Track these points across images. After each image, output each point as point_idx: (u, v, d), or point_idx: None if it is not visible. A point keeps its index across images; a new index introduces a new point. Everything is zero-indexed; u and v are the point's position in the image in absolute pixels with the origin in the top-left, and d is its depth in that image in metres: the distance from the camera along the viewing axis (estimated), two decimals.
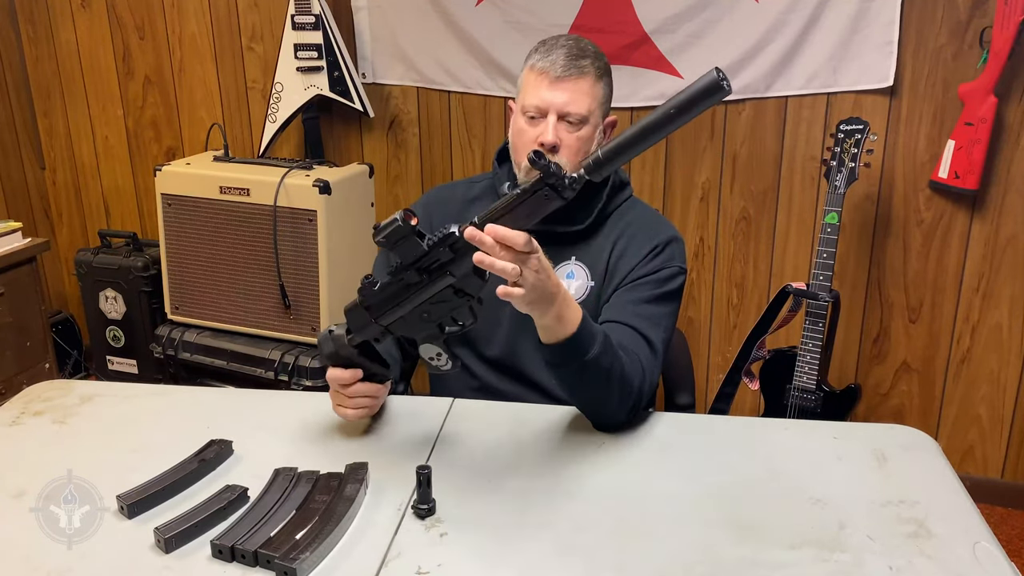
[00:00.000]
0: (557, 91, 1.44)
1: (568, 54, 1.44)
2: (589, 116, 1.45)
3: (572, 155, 1.45)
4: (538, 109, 1.45)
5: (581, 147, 1.46)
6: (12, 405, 1.48)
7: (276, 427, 1.40)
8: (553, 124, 1.44)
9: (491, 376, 1.56)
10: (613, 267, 1.51)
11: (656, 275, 1.49)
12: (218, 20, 2.92)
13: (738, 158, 2.59)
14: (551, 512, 1.16)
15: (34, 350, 2.80)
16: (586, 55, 1.45)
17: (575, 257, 1.53)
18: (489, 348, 1.57)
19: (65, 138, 3.22)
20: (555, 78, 1.44)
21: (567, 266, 1.53)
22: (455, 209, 1.62)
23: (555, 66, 1.44)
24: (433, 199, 1.67)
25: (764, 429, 1.43)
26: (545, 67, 1.44)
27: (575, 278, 1.52)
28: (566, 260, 1.53)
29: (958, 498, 1.20)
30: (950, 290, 2.50)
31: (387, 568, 1.06)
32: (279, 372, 2.55)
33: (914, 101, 2.39)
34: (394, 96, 2.85)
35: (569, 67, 1.43)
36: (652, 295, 1.47)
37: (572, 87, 1.43)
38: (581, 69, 1.44)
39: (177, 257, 2.68)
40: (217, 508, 1.14)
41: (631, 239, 1.52)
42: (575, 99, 1.43)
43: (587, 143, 1.46)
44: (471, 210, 1.61)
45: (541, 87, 1.45)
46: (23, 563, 1.08)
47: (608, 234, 1.53)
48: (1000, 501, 2.59)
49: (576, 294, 1.51)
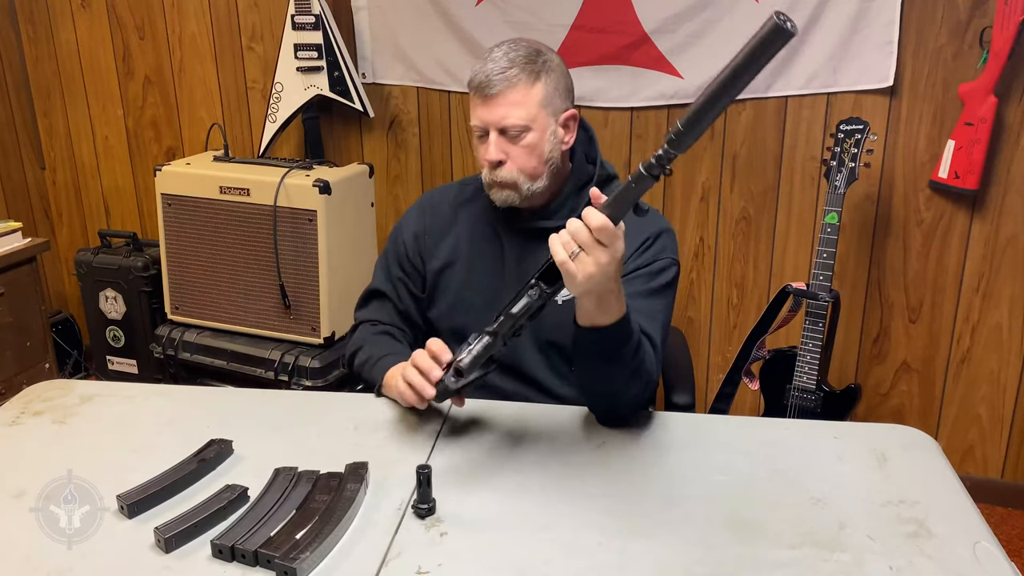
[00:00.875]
0: (490, 108, 1.44)
1: (496, 68, 1.43)
2: (530, 123, 1.44)
3: (523, 163, 1.46)
4: (479, 129, 1.47)
5: (530, 154, 1.46)
6: (12, 405, 1.48)
7: (276, 427, 1.40)
8: (494, 141, 1.45)
9: (492, 375, 1.56)
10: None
11: (648, 268, 1.49)
12: (218, 20, 2.92)
13: (738, 158, 2.59)
14: (551, 512, 1.16)
15: (34, 350, 2.79)
16: (514, 63, 1.43)
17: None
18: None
19: (65, 138, 3.22)
20: (486, 96, 1.44)
21: None
22: (448, 212, 1.64)
23: (483, 84, 1.44)
24: (427, 202, 1.69)
25: (764, 429, 1.43)
26: (476, 86, 1.45)
27: None
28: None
29: (958, 498, 1.20)
30: (950, 290, 2.50)
31: (387, 568, 1.06)
32: (279, 372, 2.55)
33: (914, 101, 2.39)
34: (394, 96, 2.85)
35: (497, 82, 1.43)
36: (646, 288, 1.47)
37: (504, 100, 1.43)
38: (509, 80, 1.43)
39: (177, 257, 2.68)
40: (217, 508, 1.14)
41: (627, 232, 1.51)
42: (509, 112, 1.43)
43: (536, 149, 1.46)
44: (463, 211, 1.63)
45: (476, 106, 1.47)
46: (23, 563, 1.08)
47: None
48: (1000, 501, 2.59)
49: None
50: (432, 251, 1.62)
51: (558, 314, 1.41)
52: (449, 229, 1.62)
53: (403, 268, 1.65)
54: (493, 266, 1.57)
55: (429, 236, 1.63)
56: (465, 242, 1.60)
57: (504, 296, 1.52)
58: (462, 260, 1.60)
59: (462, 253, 1.60)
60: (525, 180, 1.47)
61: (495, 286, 1.56)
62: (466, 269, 1.59)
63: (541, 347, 1.54)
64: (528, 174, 1.47)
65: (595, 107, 2.63)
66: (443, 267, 1.61)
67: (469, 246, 1.60)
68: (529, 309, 1.21)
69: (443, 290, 1.61)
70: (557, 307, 1.32)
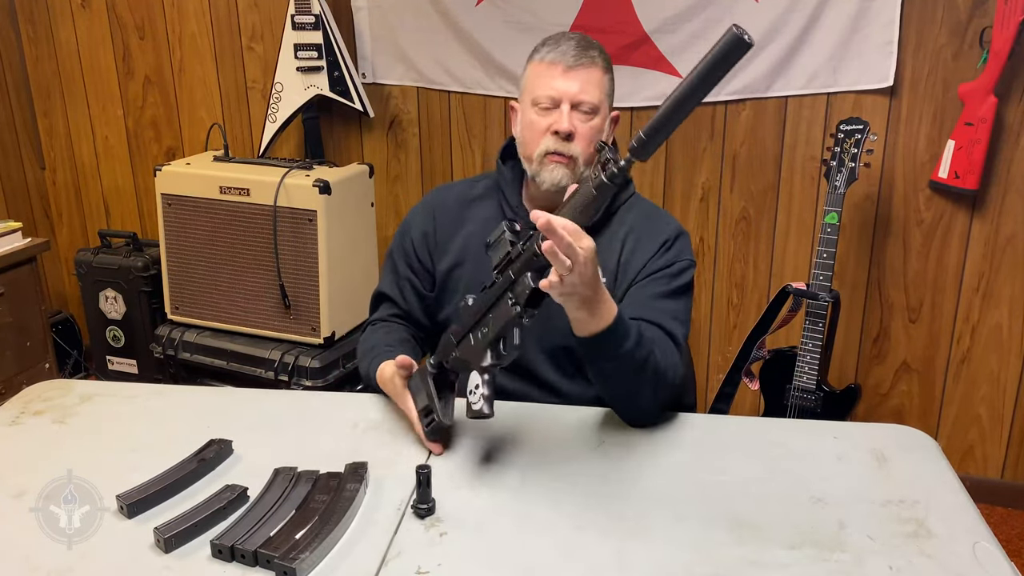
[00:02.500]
0: (570, 80, 1.44)
1: (578, 44, 1.46)
2: (600, 106, 1.46)
3: (586, 144, 1.46)
4: (551, 99, 1.45)
5: (594, 137, 1.46)
6: (12, 405, 1.48)
7: (276, 427, 1.40)
8: (567, 112, 1.44)
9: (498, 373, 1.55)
10: (625, 264, 1.51)
11: (668, 269, 1.49)
12: (218, 20, 2.93)
13: (738, 158, 2.59)
14: (551, 512, 1.16)
15: (34, 350, 2.79)
16: (593, 46, 1.47)
17: None
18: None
19: (65, 138, 3.23)
20: (567, 67, 1.44)
21: None
22: (456, 208, 1.62)
23: (566, 56, 1.45)
24: (435, 200, 1.67)
25: (764, 429, 1.43)
26: (556, 58, 1.45)
27: None
28: None
29: (958, 498, 1.20)
30: (950, 290, 2.50)
31: (387, 568, 1.06)
32: (279, 372, 2.55)
33: (914, 101, 2.39)
34: (394, 96, 2.85)
35: (580, 56, 1.45)
36: (667, 290, 1.48)
37: (584, 76, 1.45)
38: (592, 59, 1.46)
39: (177, 257, 2.68)
40: (217, 508, 1.14)
41: (640, 236, 1.53)
42: (587, 88, 1.45)
43: (598, 133, 1.47)
44: (472, 210, 1.61)
45: (554, 76, 1.45)
46: (23, 563, 1.08)
47: (615, 231, 1.54)
48: (1000, 501, 2.59)
49: None
50: (441, 250, 1.60)
51: (566, 318, 1.41)
52: (458, 227, 1.60)
53: (411, 267, 1.62)
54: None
55: (438, 234, 1.61)
56: (473, 241, 1.58)
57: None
58: (471, 259, 1.58)
59: (471, 252, 1.58)
60: (582, 161, 1.46)
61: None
62: (475, 269, 1.57)
63: (550, 352, 1.53)
64: (586, 157, 1.46)
65: None
66: (452, 267, 1.59)
67: (477, 245, 1.57)
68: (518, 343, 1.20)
69: (452, 290, 1.59)
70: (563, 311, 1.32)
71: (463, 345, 1.27)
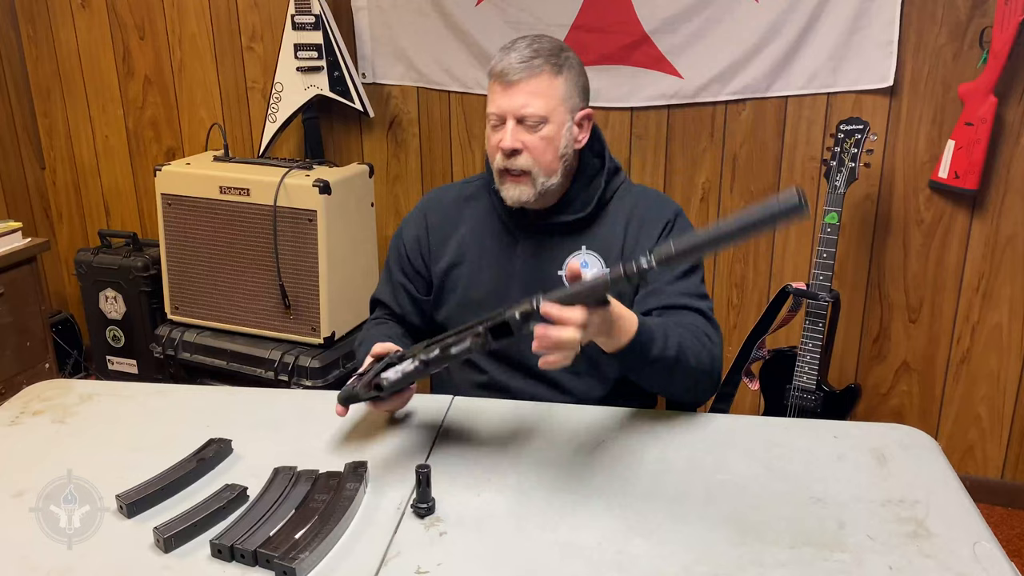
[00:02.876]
0: (512, 95, 1.43)
1: (520, 56, 1.43)
2: (549, 115, 1.44)
3: (539, 155, 1.45)
4: (496, 116, 1.46)
5: (547, 147, 1.45)
6: (12, 405, 1.48)
7: (276, 427, 1.40)
8: (511, 129, 1.44)
9: (498, 371, 1.56)
10: (631, 251, 1.52)
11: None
12: (218, 20, 2.93)
13: (738, 158, 2.59)
14: (551, 512, 1.16)
15: (34, 350, 2.79)
16: (539, 54, 1.44)
17: (585, 246, 1.54)
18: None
19: (65, 138, 3.23)
20: (508, 83, 1.43)
21: (580, 255, 1.54)
22: (450, 209, 1.63)
23: (507, 71, 1.43)
24: (429, 202, 1.68)
25: (764, 429, 1.43)
26: (498, 72, 1.45)
27: (589, 267, 1.53)
28: (577, 250, 1.54)
29: (958, 498, 1.20)
30: (950, 290, 2.50)
31: (386, 567, 1.05)
32: (279, 372, 2.55)
33: (914, 101, 2.39)
34: (394, 96, 2.85)
35: (521, 69, 1.42)
36: (683, 271, 1.50)
37: (526, 89, 1.43)
38: (534, 69, 1.43)
39: (177, 257, 2.67)
40: (216, 508, 1.14)
41: (642, 222, 1.54)
42: (530, 100, 1.43)
43: (552, 142, 1.45)
44: (467, 209, 1.62)
45: (496, 93, 1.45)
46: (23, 563, 1.08)
47: (615, 219, 1.55)
48: (1000, 501, 2.59)
49: None
50: (438, 251, 1.61)
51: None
52: (454, 227, 1.61)
53: (404, 272, 1.64)
54: (502, 263, 1.56)
55: (433, 235, 1.62)
56: (471, 240, 1.59)
57: (507, 290, 1.52)
58: (469, 259, 1.59)
59: (469, 251, 1.59)
60: (540, 173, 1.46)
61: (504, 284, 1.55)
62: (473, 268, 1.58)
63: None
64: (543, 167, 1.45)
65: (595, 107, 2.60)
66: (450, 267, 1.60)
67: (476, 244, 1.59)
68: (467, 352, 1.19)
69: (450, 290, 1.60)
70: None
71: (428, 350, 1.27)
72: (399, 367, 1.24)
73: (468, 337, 1.19)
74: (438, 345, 1.22)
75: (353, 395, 1.30)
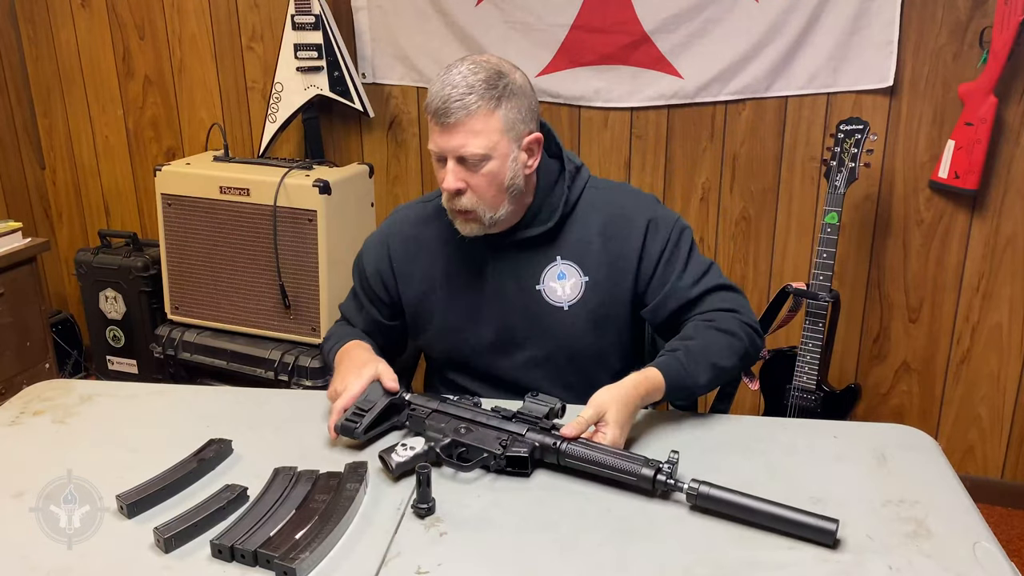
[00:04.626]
0: (448, 136, 1.38)
1: (452, 95, 1.36)
2: (490, 152, 1.38)
3: (483, 191, 1.41)
4: (436, 155, 1.42)
5: (490, 183, 1.40)
6: (12, 405, 1.48)
7: (276, 427, 1.40)
8: (452, 169, 1.40)
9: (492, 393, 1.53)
10: (615, 251, 1.50)
11: (667, 246, 1.50)
12: (218, 20, 2.93)
13: (738, 158, 2.59)
14: (551, 512, 1.16)
15: (34, 350, 2.79)
16: (472, 90, 1.36)
17: (560, 257, 1.51)
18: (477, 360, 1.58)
19: (65, 138, 3.23)
20: (444, 125, 1.37)
21: (555, 267, 1.51)
22: (410, 233, 1.59)
23: (440, 112, 1.37)
24: (388, 230, 1.64)
25: (764, 429, 1.43)
26: (433, 112, 1.38)
27: (567, 277, 1.51)
28: (552, 262, 1.51)
29: (958, 498, 1.20)
30: (950, 290, 2.50)
31: (387, 568, 1.06)
32: (279, 372, 2.55)
33: (914, 101, 2.39)
34: (394, 96, 2.85)
35: (456, 110, 1.36)
36: (681, 260, 1.50)
37: (463, 129, 1.37)
38: (467, 108, 1.36)
39: (177, 257, 2.67)
40: (216, 508, 1.14)
41: (618, 224, 1.51)
42: (468, 140, 1.37)
43: (496, 177, 1.40)
44: (428, 232, 1.58)
45: (435, 132, 1.40)
46: (23, 563, 1.08)
47: (586, 224, 1.51)
48: (1000, 501, 2.59)
49: (571, 293, 1.50)
50: (405, 281, 1.58)
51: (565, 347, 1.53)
52: (417, 254, 1.58)
53: (370, 299, 1.63)
54: (474, 287, 1.54)
55: (397, 266, 1.58)
56: (439, 263, 1.56)
57: (485, 310, 1.52)
58: (439, 283, 1.56)
59: (438, 276, 1.56)
60: (485, 209, 1.42)
61: (477, 301, 1.54)
62: (445, 294, 1.56)
63: (538, 362, 1.55)
64: (488, 203, 1.42)
65: (595, 107, 2.63)
66: (421, 296, 1.57)
67: (444, 267, 1.56)
68: (478, 464, 1.25)
69: (426, 319, 1.58)
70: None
71: (436, 418, 1.31)
72: (410, 444, 1.26)
73: (480, 457, 1.24)
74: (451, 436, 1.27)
75: (351, 436, 1.31)
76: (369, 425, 1.31)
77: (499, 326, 1.53)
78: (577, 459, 1.20)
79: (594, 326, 1.52)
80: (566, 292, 1.51)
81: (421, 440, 1.27)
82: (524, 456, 1.22)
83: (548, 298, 1.51)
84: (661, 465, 1.16)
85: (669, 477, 1.15)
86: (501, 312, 1.53)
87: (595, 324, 1.51)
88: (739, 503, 1.11)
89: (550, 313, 1.51)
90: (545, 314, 1.51)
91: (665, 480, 1.15)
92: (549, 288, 1.51)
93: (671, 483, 1.15)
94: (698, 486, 1.13)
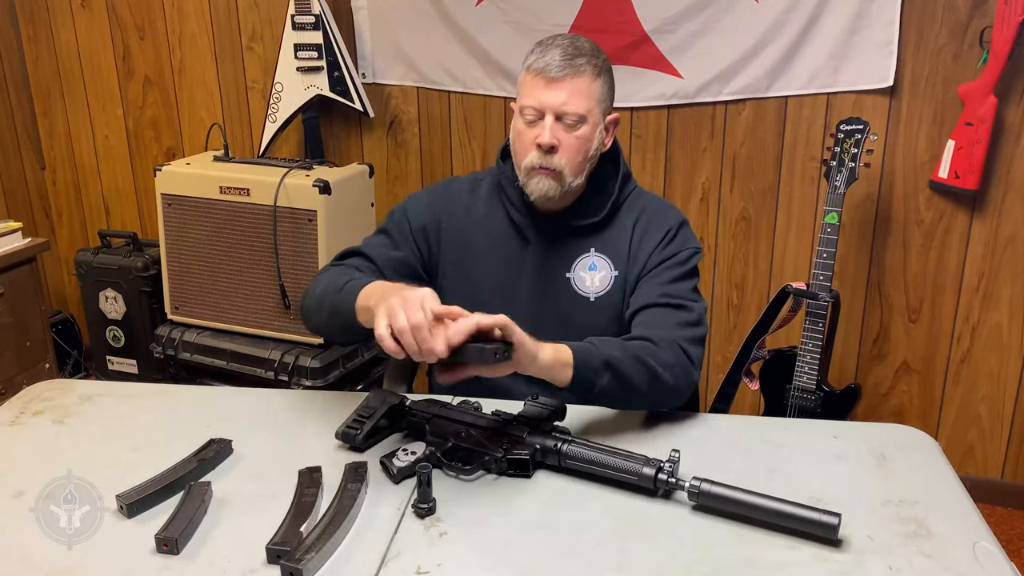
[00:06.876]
0: (553, 91, 1.43)
1: (563, 54, 1.43)
2: (587, 115, 1.45)
3: (572, 155, 1.45)
4: (535, 110, 1.45)
5: (581, 146, 1.46)
6: (12, 405, 1.48)
7: (276, 427, 1.40)
8: (550, 125, 1.44)
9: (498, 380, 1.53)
10: (635, 250, 1.53)
11: (675, 257, 1.52)
12: (218, 20, 2.93)
13: (738, 158, 2.59)
14: (551, 512, 1.16)
15: (34, 350, 2.79)
16: (582, 53, 1.44)
17: (594, 249, 1.54)
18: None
19: (65, 138, 3.23)
20: (551, 79, 1.43)
21: (588, 258, 1.54)
22: (462, 205, 1.60)
23: (550, 66, 1.43)
24: (440, 193, 1.63)
25: (764, 429, 1.43)
26: (540, 68, 1.44)
27: (598, 269, 1.54)
28: (586, 252, 1.54)
29: (958, 498, 1.20)
30: (950, 290, 2.50)
31: (387, 568, 1.05)
32: (279, 372, 2.55)
33: (914, 101, 2.39)
34: (394, 96, 2.85)
35: (564, 67, 1.43)
36: (676, 275, 1.50)
37: (568, 86, 1.43)
38: (577, 68, 1.43)
39: (177, 257, 2.67)
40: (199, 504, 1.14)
41: (648, 223, 1.55)
42: (571, 99, 1.43)
43: (587, 142, 1.46)
44: (476, 203, 1.59)
45: (537, 88, 1.45)
46: (23, 563, 1.07)
47: (624, 222, 1.56)
48: (1000, 501, 2.59)
49: (599, 286, 1.53)
50: (446, 244, 1.58)
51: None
52: (463, 220, 1.59)
53: (400, 249, 1.57)
54: (513, 262, 1.55)
55: (446, 224, 1.58)
56: (482, 236, 1.57)
57: (520, 294, 1.51)
58: (479, 253, 1.57)
59: (479, 246, 1.57)
60: (570, 173, 1.46)
61: (513, 283, 1.55)
62: (483, 264, 1.57)
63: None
64: (573, 167, 1.46)
65: None
66: (458, 259, 1.57)
67: (486, 240, 1.57)
68: (476, 469, 1.25)
69: (457, 280, 1.57)
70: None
71: (436, 423, 1.31)
72: (411, 449, 1.25)
73: (486, 454, 1.24)
74: (452, 440, 1.27)
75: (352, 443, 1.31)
76: (370, 432, 1.30)
77: (529, 309, 1.52)
78: (578, 460, 1.20)
79: (616, 322, 1.53)
80: (595, 284, 1.53)
81: (422, 445, 1.27)
82: (525, 459, 1.22)
83: (576, 287, 1.54)
84: (662, 464, 1.16)
85: (671, 476, 1.15)
86: (529, 293, 1.54)
87: (617, 320, 1.53)
88: (742, 500, 1.11)
89: (575, 302, 1.52)
90: (570, 302, 1.52)
91: (667, 479, 1.15)
92: (579, 278, 1.54)
93: (673, 482, 1.15)
94: (700, 484, 1.13)
